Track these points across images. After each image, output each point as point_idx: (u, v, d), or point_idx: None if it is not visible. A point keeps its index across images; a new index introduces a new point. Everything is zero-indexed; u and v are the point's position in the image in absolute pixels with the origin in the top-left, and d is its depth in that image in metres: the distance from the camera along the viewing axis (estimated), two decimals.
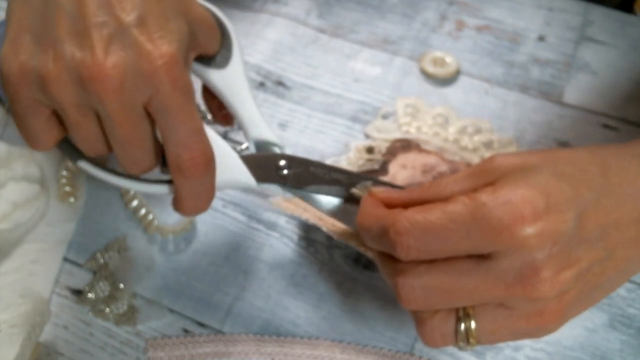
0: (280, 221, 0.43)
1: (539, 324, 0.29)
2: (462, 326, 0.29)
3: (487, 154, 0.45)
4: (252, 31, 0.53)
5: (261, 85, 0.50)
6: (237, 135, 0.47)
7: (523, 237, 0.27)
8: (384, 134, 0.46)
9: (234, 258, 0.42)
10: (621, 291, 0.40)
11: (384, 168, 0.44)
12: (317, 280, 0.41)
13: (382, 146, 0.45)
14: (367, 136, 0.46)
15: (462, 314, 0.29)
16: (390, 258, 0.30)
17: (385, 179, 0.42)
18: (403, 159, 0.45)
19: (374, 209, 0.31)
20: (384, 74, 0.50)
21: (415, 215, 0.28)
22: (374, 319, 0.39)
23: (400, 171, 0.44)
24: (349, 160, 0.45)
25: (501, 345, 0.38)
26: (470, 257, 0.28)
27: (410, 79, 0.49)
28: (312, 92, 0.49)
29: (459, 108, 0.47)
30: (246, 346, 0.38)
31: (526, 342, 0.38)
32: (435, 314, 0.30)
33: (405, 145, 0.45)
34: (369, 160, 0.44)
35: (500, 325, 0.29)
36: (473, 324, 0.29)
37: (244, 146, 0.46)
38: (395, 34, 0.52)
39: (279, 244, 0.42)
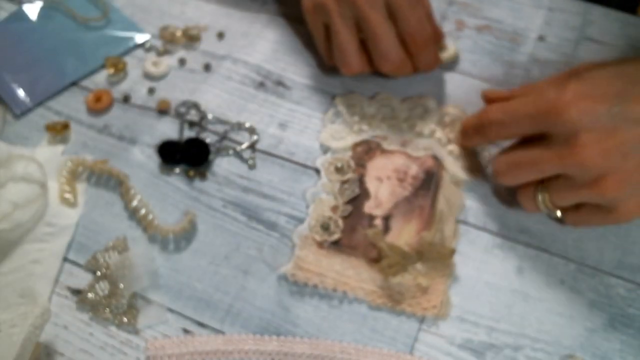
0: (280, 221, 0.43)
1: (599, 191, 0.35)
2: (540, 196, 0.39)
3: (443, 133, 0.45)
4: (252, 31, 0.53)
5: (261, 85, 0.50)
6: (237, 135, 0.47)
7: (566, 113, 0.35)
8: (341, 140, 0.46)
9: (234, 258, 0.42)
10: (621, 291, 0.40)
11: (363, 189, 0.43)
12: None
13: (347, 158, 0.45)
14: (325, 148, 0.46)
15: (540, 187, 0.39)
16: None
17: (371, 202, 0.43)
18: (373, 169, 0.44)
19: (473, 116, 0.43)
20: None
21: (498, 105, 0.41)
22: (373, 319, 0.39)
23: (380, 187, 0.43)
24: (325, 188, 0.44)
25: (500, 345, 0.38)
26: (539, 140, 0.37)
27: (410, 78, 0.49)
28: (312, 92, 0.49)
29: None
30: (246, 346, 0.38)
31: (526, 342, 0.38)
32: (524, 188, 0.40)
33: (367, 150, 0.45)
34: (345, 182, 0.44)
35: (567, 194, 0.37)
36: (547, 198, 0.39)
37: (244, 146, 0.46)
38: None
39: (279, 244, 0.42)
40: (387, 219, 0.42)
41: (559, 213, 0.40)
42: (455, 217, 0.42)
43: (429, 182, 0.43)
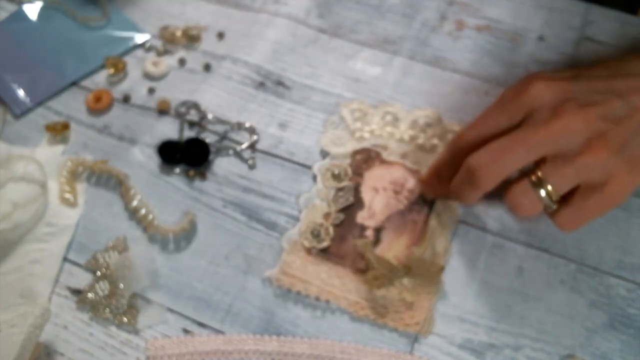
0: (280, 221, 0.43)
1: (594, 155, 0.35)
2: (541, 191, 0.36)
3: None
4: (252, 31, 0.53)
5: (261, 85, 0.50)
6: (237, 135, 0.47)
7: (535, 88, 0.36)
8: (341, 147, 0.45)
9: (234, 258, 0.42)
10: (621, 291, 0.40)
11: (358, 198, 0.43)
12: None
13: (345, 166, 0.44)
14: (325, 153, 0.46)
15: (536, 180, 0.36)
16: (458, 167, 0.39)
17: (364, 212, 0.42)
18: (370, 178, 0.44)
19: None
20: (384, 74, 0.50)
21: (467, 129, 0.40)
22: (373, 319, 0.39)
23: (375, 198, 0.43)
24: (320, 194, 0.43)
25: (500, 345, 0.38)
26: (514, 128, 0.37)
27: (410, 79, 0.49)
28: (312, 92, 0.49)
29: (459, 108, 0.47)
30: (246, 346, 0.38)
31: (526, 342, 0.38)
32: (515, 187, 0.37)
33: (366, 158, 0.45)
34: (340, 190, 0.43)
35: (564, 170, 0.35)
36: (549, 187, 0.36)
37: (244, 146, 0.46)
38: (395, 34, 0.52)
39: (279, 244, 0.42)
40: (378, 230, 0.42)
41: (554, 206, 0.37)
42: (449, 233, 0.42)
43: (425, 196, 0.43)
